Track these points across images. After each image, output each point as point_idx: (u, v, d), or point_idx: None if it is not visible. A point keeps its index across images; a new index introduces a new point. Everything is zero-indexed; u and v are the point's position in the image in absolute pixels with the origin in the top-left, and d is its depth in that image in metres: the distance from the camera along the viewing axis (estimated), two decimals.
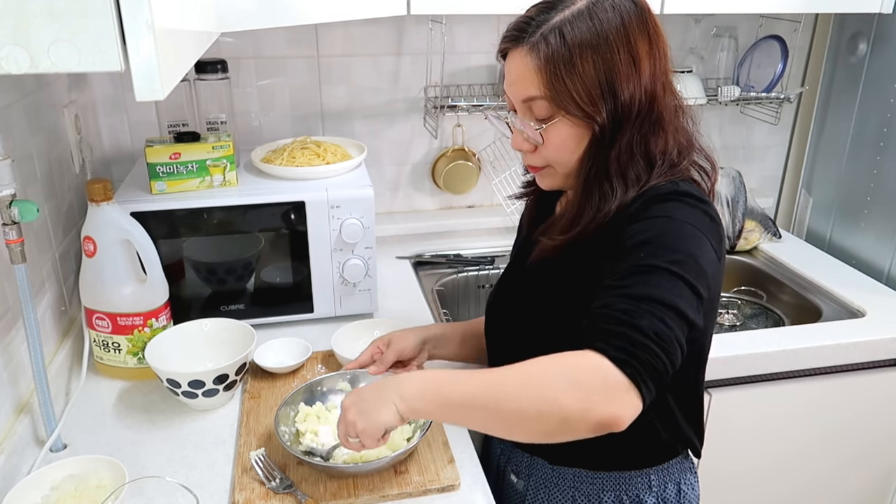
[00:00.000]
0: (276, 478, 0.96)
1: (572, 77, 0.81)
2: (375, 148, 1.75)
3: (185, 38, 0.69)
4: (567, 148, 0.87)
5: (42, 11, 0.51)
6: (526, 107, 0.87)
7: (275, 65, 1.64)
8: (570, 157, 0.88)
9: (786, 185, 2.09)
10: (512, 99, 0.89)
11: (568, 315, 0.86)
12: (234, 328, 1.22)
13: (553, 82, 0.82)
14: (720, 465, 1.44)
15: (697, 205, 0.83)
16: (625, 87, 0.82)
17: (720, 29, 1.83)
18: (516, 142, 0.92)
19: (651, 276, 0.75)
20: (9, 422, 1.04)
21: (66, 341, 1.26)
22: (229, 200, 1.29)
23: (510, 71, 0.87)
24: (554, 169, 0.92)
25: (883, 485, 1.58)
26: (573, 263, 0.89)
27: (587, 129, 0.85)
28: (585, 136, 0.86)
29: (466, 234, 1.82)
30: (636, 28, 0.83)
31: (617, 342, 0.72)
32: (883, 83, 1.63)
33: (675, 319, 0.73)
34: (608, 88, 0.82)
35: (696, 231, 0.80)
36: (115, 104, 1.58)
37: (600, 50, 0.81)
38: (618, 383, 0.71)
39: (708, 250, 0.80)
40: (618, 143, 0.84)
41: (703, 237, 0.80)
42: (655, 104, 0.85)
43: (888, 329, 1.43)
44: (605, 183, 0.86)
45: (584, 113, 0.83)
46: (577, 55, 0.81)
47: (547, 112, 0.85)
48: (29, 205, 0.93)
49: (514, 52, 0.85)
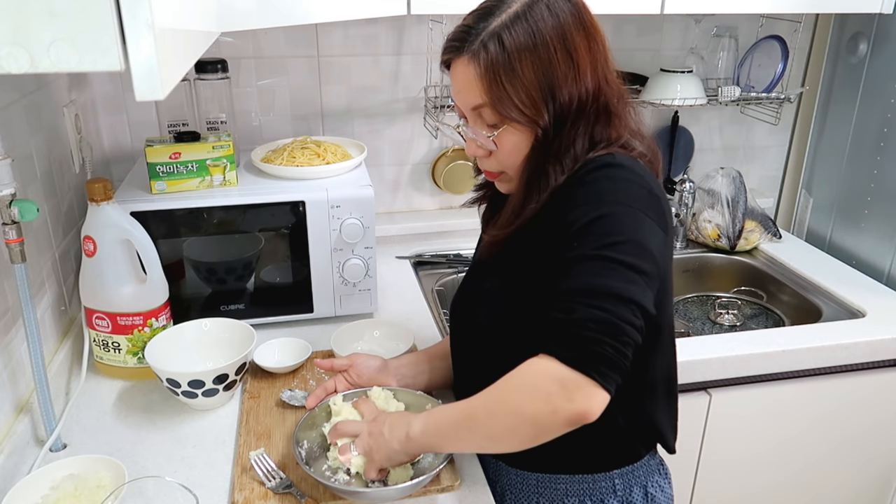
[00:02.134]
0: (276, 477, 0.96)
1: (513, 82, 0.82)
2: (375, 148, 1.75)
3: (185, 37, 0.69)
4: (519, 152, 0.88)
5: (42, 11, 0.51)
6: (476, 114, 0.88)
7: (275, 65, 1.64)
8: (522, 160, 0.89)
9: (786, 186, 2.09)
10: (462, 107, 0.90)
11: (523, 304, 0.88)
12: (234, 328, 1.22)
13: (494, 89, 0.83)
14: (720, 464, 1.45)
15: (631, 178, 0.82)
16: (564, 86, 0.83)
17: (720, 29, 1.83)
18: (470, 149, 0.93)
19: (583, 266, 0.76)
20: (9, 421, 1.04)
21: (66, 341, 1.26)
22: (229, 200, 1.29)
23: (455, 80, 0.88)
24: (508, 174, 0.93)
25: (883, 485, 1.58)
26: (521, 252, 0.90)
27: (532, 132, 0.86)
28: (532, 139, 0.87)
29: (466, 234, 1.82)
30: (572, 25, 0.83)
31: (561, 341, 0.75)
32: (883, 83, 1.63)
33: (614, 303, 0.74)
34: (548, 90, 0.82)
35: (630, 209, 0.79)
36: (115, 104, 1.58)
37: (538, 51, 0.81)
38: (573, 381, 0.73)
39: (647, 225, 0.79)
40: (558, 137, 0.85)
41: (638, 213, 0.79)
42: (601, 96, 0.86)
43: (888, 329, 1.43)
44: (541, 175, 0.86)
45: (527, 118, 0.84)
46: (517, 59, 0.81)
47: (494, 118, 0.86)
48: (29, 204, 0.93)
49: (457, 62, 0.86)
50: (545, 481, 0.98)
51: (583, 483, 0.96)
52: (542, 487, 0.98)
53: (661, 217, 0.82)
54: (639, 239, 0.78)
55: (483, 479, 0.99)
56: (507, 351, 0.84)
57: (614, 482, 0.96)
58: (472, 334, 1.00)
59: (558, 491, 0.97)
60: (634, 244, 0.77)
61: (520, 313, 0.89)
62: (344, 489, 0.92)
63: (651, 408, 0.95)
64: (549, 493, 0.98)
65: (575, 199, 0.82)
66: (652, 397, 0.95)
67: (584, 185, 0.83)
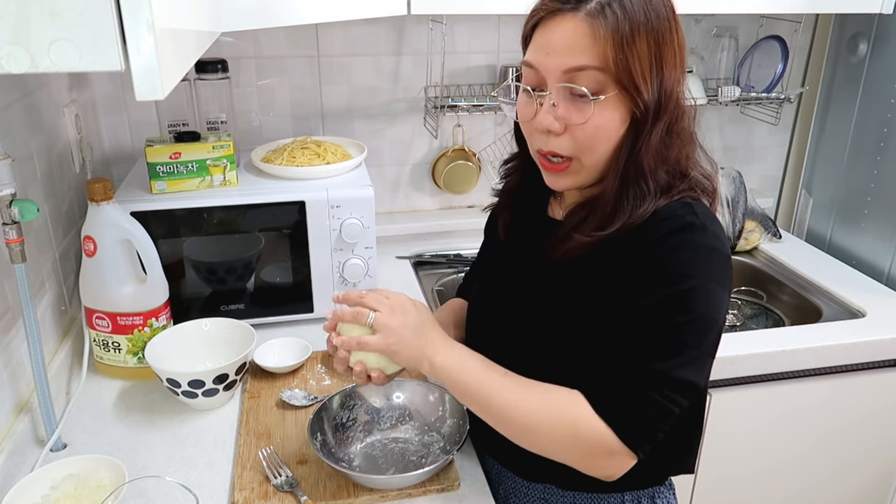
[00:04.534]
0: (282, 475, 0.96)
1: (633, 51, 0.78)
2: (375, 148, 1.75)
3: (186, 37, 0.69)
4: (607, 131, 0.81)
5: (42, 11, 0.51)
6: (567, 78, 0.80)
7: (275, 65, 1.64)
8: (605, 144, 0.82)
9: (786, 186, 2.09)
10: (548, 70, 0.81)
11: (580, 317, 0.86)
12: (234, 328, 1.22)
13: (617, 53, 0.77)
14: (720, 465, 1.45)
15: (711, 245, 0.81)
16: (670, 73, 0.81)
17: (720, 29, 1.83)
18: (545, 120, 0.82)
19: (662, 345, 0.78)
20: (9, 421, 1.04)
21: (66, 341, 1.26)
22: (229, 200, 1.29)
23: (556, 37, 0.80)
24: (580, 162, 0.84)
25: (883, 485, 1.58)
26: (592, 266, 0.86)
27: (629, 112, 0.81)
28: (625, 122, 0.81)
29: (466, 234, 1.82)
30: (673, 23, 0.82)
31: (626, 416, 0.78)
32: (883, 83, 1.63)
33: (682, 391, 0.78)
34: (657, 72, 0.80)
35: (710, 284, 0.79)
36: (116, 104, 1.58)
37: (655, 32, 0.79)
38: (619, 453, 0.79)
39: (719, 298, 0.80)
40: (652, 136, 0.81)
41: (715, 287, 0.79)
42: (680, 104, 0.84)
43: (888, 329, 1.43)
44: (640, 180, 0.82)
45: (637, 91, 0.79)
46: (637, 31, 0.78)
47: (596, 86, 0.79)
48: (29, 204, 0.93)
49: (563, 18, 0.79)
50: (552, 493, 0.96)
51: (591, 499, 0.95)
52: (549, 497, 0.97)
53: (730, 280, 0.83)
54: (711, 316, 0.79)
55: (483, 480, 0.99)
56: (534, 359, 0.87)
57: (623, 498, 0.95)
58: (501, 334, 0.96)
59: (564, 502, 0.96)
60: (706, 323, 0.79)
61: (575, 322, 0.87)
62: (358, 475, 0.95)
63: (679, 441, 0.94)
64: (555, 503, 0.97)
65: (654, 257, 0.80)
66: (690, 433, 0.96)
67: (664, 247, 0.80)
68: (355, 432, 1.05)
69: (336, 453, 1.00)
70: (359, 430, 1.06)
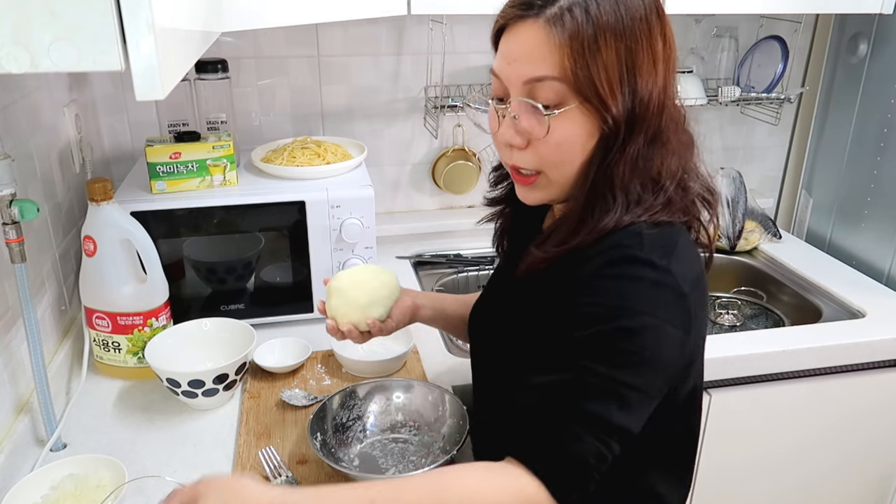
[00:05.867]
0: (282, 475, 0.96)
1: (596, 59, 0.71)
2: (375, 148, 1.75)
3: (186, 37, 0.69)
4: (572, 145, 0.75)
5: (42, 11, 0.51)
6: (528, 90, 0.75)
7: (275, 65, 1.64)
8: (571, 159, 0.76)
9: (786, 186, 2.09)
10: (509, 80, 0.76)
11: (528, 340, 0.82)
12: (234, 328, 1.22)
13: (576, 61, 0.71)
14: (720, 465, 1.44)
15: (660, 280, 0.72)
16: (643, 83, 0.73)
17: (720, 29, 1.83)
18: (506, 134, 0.78)
19: (593, 383, 0.70)
20: (9, 421, 1.04)
21: (66, 341, 1.26)
22: (229, 200, 1.29)
23: (517, 45, 0.75)
24: (547, 177, 0.79)
25: (883, 485, 1.58)
26: (547, 286, 0.80)
27: (597, 125, 0.74)
28: (594, 136, 0.75)
29: (466, 234, 1.82)
30: (656, 25, 0.75)
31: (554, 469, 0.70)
32: (883, 83, 1.63)
33: (618, 437, 0.71)
34: (628, 81, 0.73)
35: (655, 321, 0.71)
36: (116, 103, 1.58)
37: (625, 37, 0.72)
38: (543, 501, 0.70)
39: (668, 338, 0.72)
40: (628, 149, 0.75)
41: (662, 325, 0.71)
42: (664, 113, 0.76)
43: (888, 329, 1.43)
44: (608, 193, 0.76)
45: (602, 102, 0.72)
46: (602, 37, 0.71)
47: (556, 97, 0.73)
48: (29, 204, 0.93)
49: (523, 24, 0.74)
50: None
51: None
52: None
53: (687, 319, 0.74)
54: (655, 357, 0.71)
55: None
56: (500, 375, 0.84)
57: None
58: (494, 348, 0.93)
59: None
60: (650, 365, 0.71)
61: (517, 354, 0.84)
62: (359, 475, 0.95)
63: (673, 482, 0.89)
64: None
65: (594, 290, 0.73)
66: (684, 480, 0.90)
67: (605, 278, 0.73)
68: (355, 432, 1.05)
69: (336, 453, 1.00)
70: (359, 430, 1.06)
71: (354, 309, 0.98)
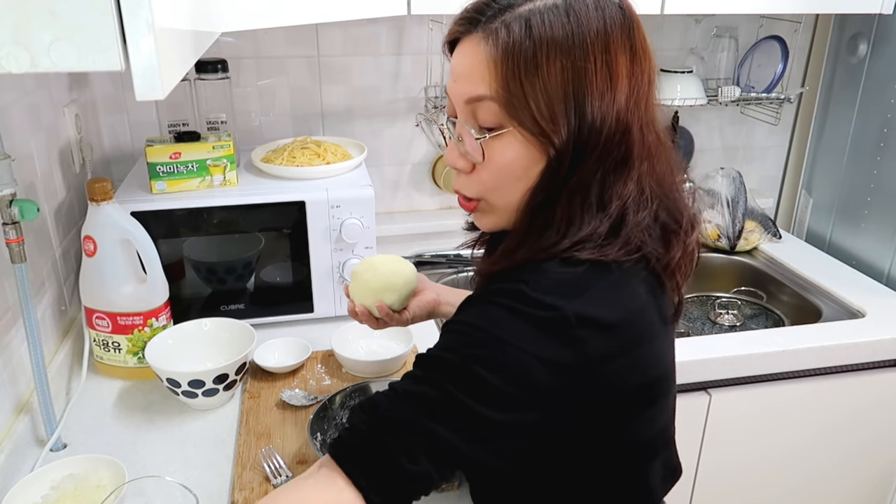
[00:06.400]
0: (282, 475, 0.96)
1: (533, 80, 0.65)
2: (375, 148, 1.75)
3: (186, 37, 0.69)
4: (512, 172, 0.70)
5: (42, 11, 0.51)
6: (469, 110, 0.70)
7: (275, 65, 1.64)
8: (514, 187, 0.71)
9: (786, 186, 2.09)
10: (455, 98, 0.72)
11: None
12: (234, 328, 1.22)
13: (509, 81, 0.66)
14: (720, 464, 1.44)
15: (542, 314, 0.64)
16: (595, 105, 0.66)
17: (720, 29, 1.83)
18: (451, 157, 0.74)
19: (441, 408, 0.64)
20: (9, 421, 1.04)
21: (66, 341, 1.26)
22: (229, 200, 1.29)
23: (458, 62, 0.71)
24: (488, 202, 0.74)
25: (883, 485, 1.58)
26: None
27: (541, 152, 0.68)
28: (538, 162, 0.69)
29: (466, 234, 1.82)
30: (619, 38, 0.67)
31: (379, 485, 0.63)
32: (883, 83, 1.63)
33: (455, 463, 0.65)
34: (574, 104, 0.66)
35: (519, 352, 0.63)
36: (116, 103, 1.58)
37: (572, 54, 0.65)
38: None
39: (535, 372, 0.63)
40: (575, 177, 0.68)
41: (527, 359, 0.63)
42: (627, 137, 0.69)
43: (888, 329, 1.43)
44: (547, 212, 0.70)
45: (540, 129, 0.67)
46: (543, 54, 0.65)
47: (495, 119, 0.68)
48: (29, 204, 0.93)
49: (466, 40, 0.70)
50: None
51: None
52: None
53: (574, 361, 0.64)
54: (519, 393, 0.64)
55: None
56: None
57: None
58: None
59: None
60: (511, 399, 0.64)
61: None
62: None
63: None
64: None
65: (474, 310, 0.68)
66: None
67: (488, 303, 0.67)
68: None
69: None
70: None
71: (367, 292, 0.98)
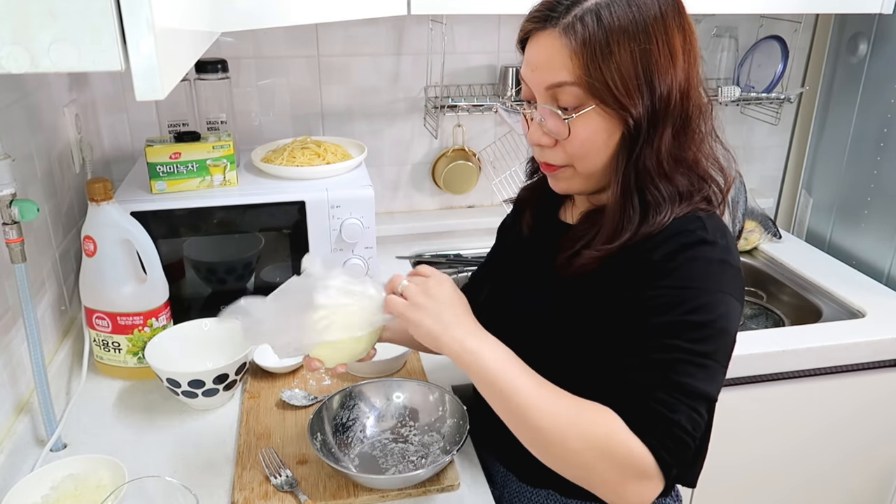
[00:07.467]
0: (282, 475, 0.96)
1: (608, 63, 0.76)
2: (375, 148, 1.75)
3: (186, 37, 0.69)
4: (595, 143, 0.81)
5: (42, 11, 0.51)
6: (550, 95, 0.81)
7: (275, 65, 1.64)
8: (597, 155, 0.82)
9: (786, 186, 2.09)
10: (533, 86, 0.83)
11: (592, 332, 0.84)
12: (234, 328, 1.21)
13: (589, 67, 0.76)
14: (720, 464, 1.44)
15: (725, 259, 0.79)
16: (662, 80, 0.78)
17: (720, 29, 1.83)
18: (534, 136, 0.85)
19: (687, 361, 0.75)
20: (9, 421, 1.04)
21: (66, 341, 1.26)
22: (229, 200, 1.29)
23: (536, 54, 0.81)
24: (574, 169, 0.85)
25: (883, 485, 1.58)
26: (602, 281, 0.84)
27: (619, 123, 0.79)
28: (616, 132, 0.80)
29: (466, 234, 1.82)
30: (672, 20, 0.79)
31: (659, 436, 0.74)
32: (883, 83, 1.63)
33: (706, 406, 0.76)
34: (645, 80, 0.77)
35: (724, 296, 0.77)
36: (116, 104, 1.58)
37: (638, 38, 0.76)
38: (652, 476, 0.74)
39: (734, 310, 0.78)
40: (655, 143, 0.79)
41: (730, 300, 0.78)
42: (689, 104, 0.82)
43: (888, 329, 1.43)
44: (650, 188, 0.80)
45: (619, 104, 0.77)
46: (615, 41, 0.76)
47: (576, 100, 0.79)
48: (29, 204, 0.93)
49: (542, 34, 0.80)
50: (554, 499, 0.95)
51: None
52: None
53: (742, 292, 0.81)
54: (727, 328, 0.77)
55: (483, 480, 0.99)
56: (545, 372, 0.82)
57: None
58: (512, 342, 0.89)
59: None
60: (722, 334, 0.77)
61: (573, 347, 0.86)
62: (358, 476, 0.95)
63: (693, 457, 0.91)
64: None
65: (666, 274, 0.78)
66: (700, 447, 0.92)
67: (676, 263, 0.78)
68: (355, 432, 1.05)
69: (336, 453, 1.00)
70: (359, 430, 1.06)
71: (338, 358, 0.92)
